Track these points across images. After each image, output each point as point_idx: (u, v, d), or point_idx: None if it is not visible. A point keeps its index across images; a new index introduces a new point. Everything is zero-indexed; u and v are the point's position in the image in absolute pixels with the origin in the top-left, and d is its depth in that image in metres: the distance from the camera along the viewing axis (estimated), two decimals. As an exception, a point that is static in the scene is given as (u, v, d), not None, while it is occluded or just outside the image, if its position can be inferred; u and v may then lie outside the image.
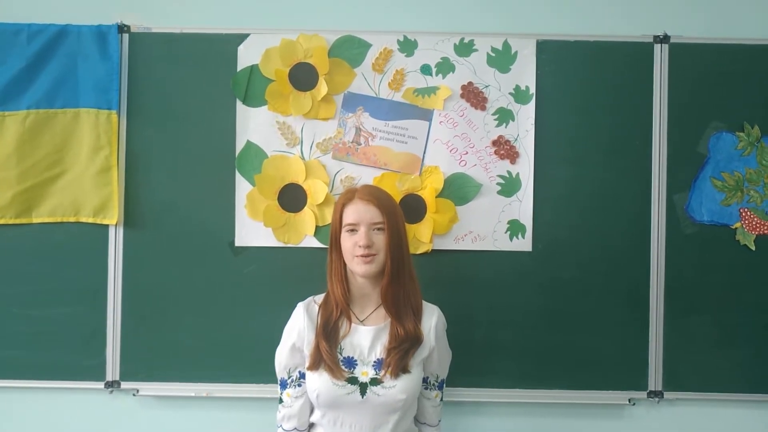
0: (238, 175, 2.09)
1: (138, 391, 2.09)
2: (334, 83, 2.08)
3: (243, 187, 2.09)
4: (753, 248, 2.09)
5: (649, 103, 2.09)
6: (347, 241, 1.67)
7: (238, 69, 2.08)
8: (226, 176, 2.08)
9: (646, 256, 2.09)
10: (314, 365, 1.64)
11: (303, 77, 2.08)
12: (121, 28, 2.09)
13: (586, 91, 2.10)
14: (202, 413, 2.13)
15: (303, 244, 2.08)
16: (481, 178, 2.09)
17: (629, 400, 2.10)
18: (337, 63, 2.08)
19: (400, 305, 1.67)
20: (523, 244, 2.09)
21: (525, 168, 2.09)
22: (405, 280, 1.69)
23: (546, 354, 2.08)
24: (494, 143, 2.09)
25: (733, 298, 2.09)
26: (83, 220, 2.08)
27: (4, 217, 2.07)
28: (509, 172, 2.09)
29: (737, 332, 2.09)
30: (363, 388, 1.62)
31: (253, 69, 2.08)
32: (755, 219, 2.09)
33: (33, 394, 2.13)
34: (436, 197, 2.07)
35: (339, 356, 1.64)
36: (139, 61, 2.09)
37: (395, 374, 1.62)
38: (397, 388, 1.62)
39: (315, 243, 2.07)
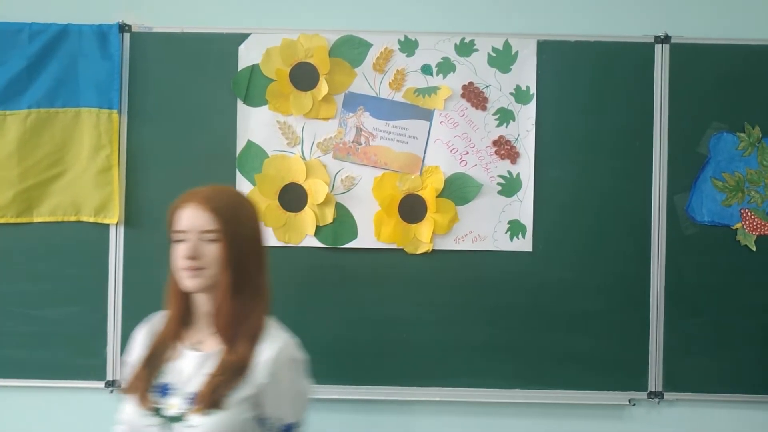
0: (238, 175, 2.09)
1: (138, 390, 2.09)
2: (335, 83, 2.08)
3: (244, 186, 2.08)
4: (753, 249, 2.09)
5: (649, 103, 2.09)
6: (174, 252, 1.40)
7: (239, 69, 2.08)
8: (226, 176, 2.08)
9: (647, 257, 2.09)
10: (128, 388, 1.41)
11: (304, 77, 2.08)
12: (122, 28, 2.09)
13: (587, 92, 2.09)
14: (203, 413, 2.13)
15: (303, 244, 2.07)
16: (482, 178, 2.09)
17: (629, 401, 2.10)
18: (338, 63, 2.08)
19: (236, 327, 1.39)
20: (524, 244, 2.09)
21: (525, 168, 2.09)
22: (245, 298, 1.40)
23: (546, 354, 2.08)
24: (495, 143, 2.09)
25: (733, 299, 2.08)
26: (84, 219, 2.08)
27: (5, 216, 2.07)
28: (510, 172, 2.09)
29: (737, 333, 2.09)
30: (165, 423, 1.35)
31: (253, 69, 2.08)
32: (756, 220, 2.09)
33: (33, 394, 2.12)
34: (437, 197, 2.07)
35: (154, 381, 1.39)
36: (139, 61, 2.09)
37: (206, 409, 1.33)
38: (200, 429, 1.32)
39: (315, 243, 2.06)
